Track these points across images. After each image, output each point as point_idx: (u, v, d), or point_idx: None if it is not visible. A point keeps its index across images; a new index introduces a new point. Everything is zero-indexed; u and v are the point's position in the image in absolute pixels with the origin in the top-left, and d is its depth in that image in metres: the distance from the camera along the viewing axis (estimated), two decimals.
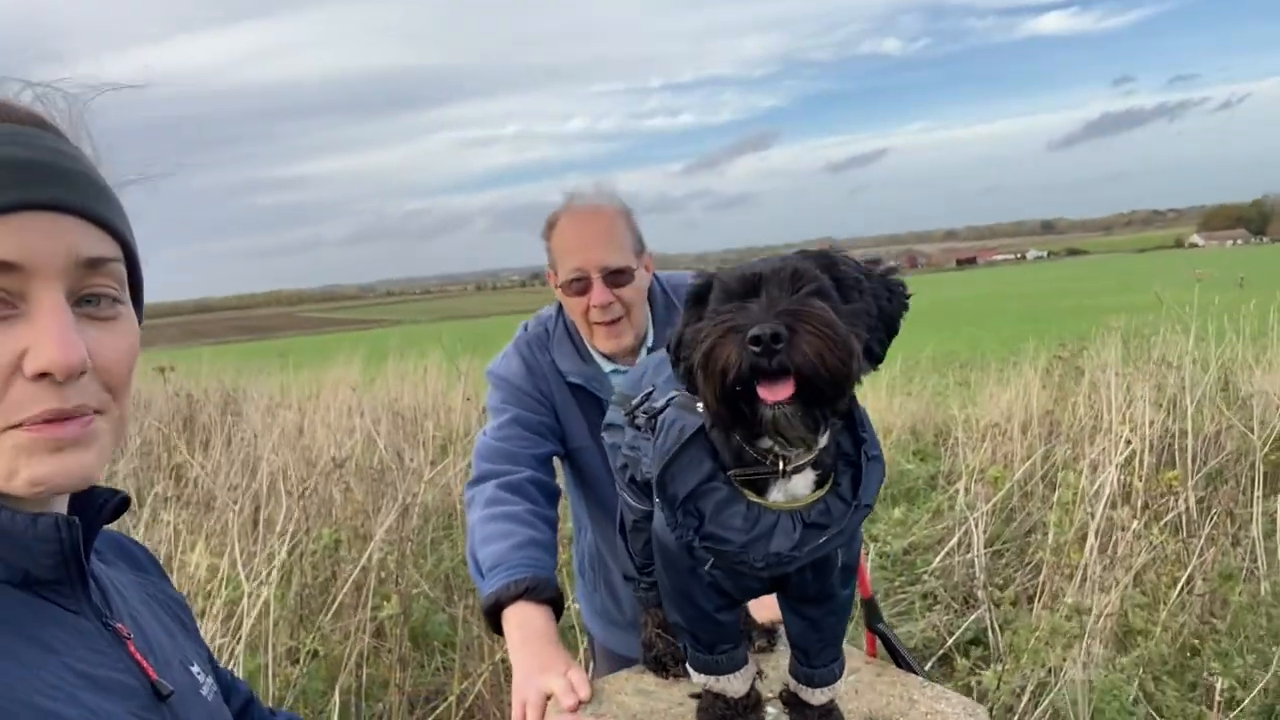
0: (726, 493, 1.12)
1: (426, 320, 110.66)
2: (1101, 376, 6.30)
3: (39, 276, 0.69)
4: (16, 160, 0.71)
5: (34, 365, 0.68)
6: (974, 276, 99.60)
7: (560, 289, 1.92)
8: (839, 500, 1.13)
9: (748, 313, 0.99)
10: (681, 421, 1.17)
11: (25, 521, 0.72)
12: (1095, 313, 22.18)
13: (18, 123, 0.74)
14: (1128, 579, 3.58)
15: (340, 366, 11.25)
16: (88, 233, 0.73)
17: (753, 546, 1.11)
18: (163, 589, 0.98)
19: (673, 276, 2.06)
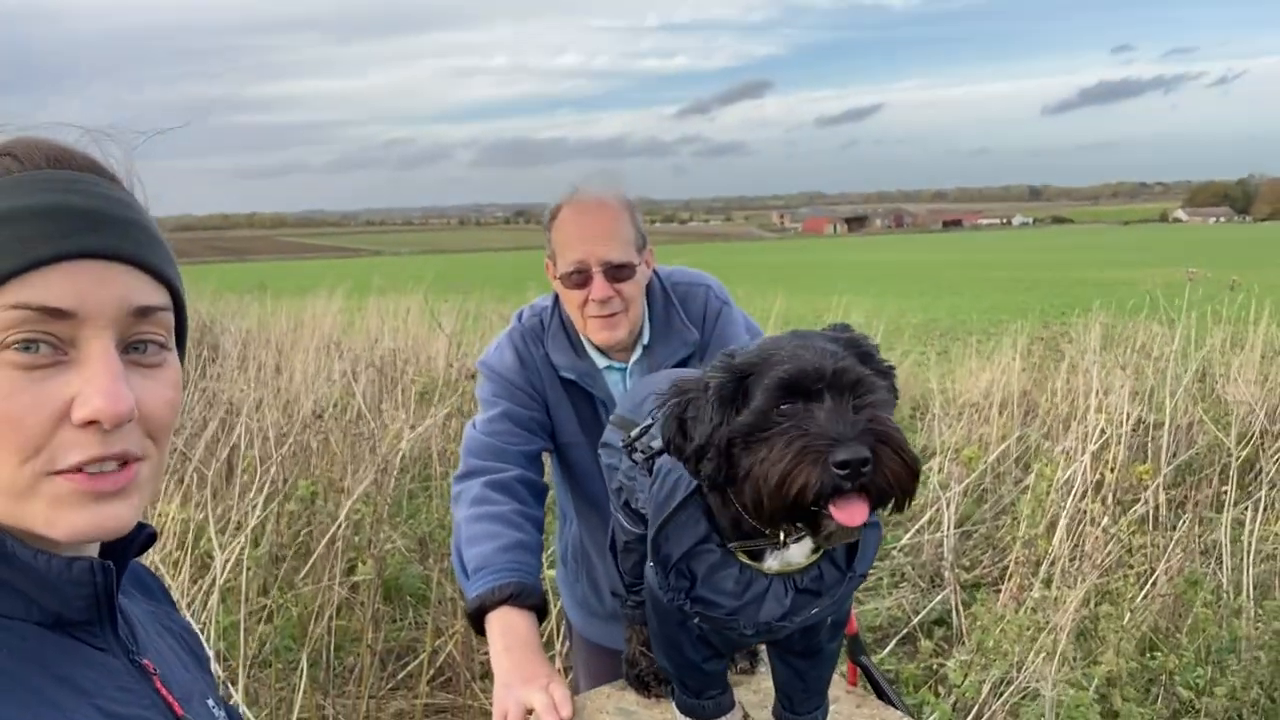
0: (720, 555, 1.11)
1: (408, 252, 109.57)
2: (1081, 362, 6.36)
3: (90, 324, 0.71)
4: (73, 208, 0.72)
5: (82, 414, 0.69)
6: (959, 240, 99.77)
7: (559, 280, 1.89)
8: (833, 567, 1.12)
9: (818, 426, 0.94)
10: (677, 473, 1.15)
11: (60, 566, 0.73)
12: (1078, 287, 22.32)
13: (76, 169, 0.75)
14: (1094, 576, 3.64)
15: (321, 300, 11.12)
16: (139, 281, 0.74)
17: (743, 612, 1.10)
18: (174, 618, 0.98)
19: (673, 273, 2.03)
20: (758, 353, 1.03)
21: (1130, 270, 28.63)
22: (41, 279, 0.69)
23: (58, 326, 0.69)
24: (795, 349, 1.00)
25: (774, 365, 1.01)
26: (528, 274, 14.08)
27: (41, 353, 0.69)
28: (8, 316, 0.68)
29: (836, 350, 0.99)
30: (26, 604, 0.72)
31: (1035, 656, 3.16)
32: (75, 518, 0.71)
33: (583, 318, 1.88)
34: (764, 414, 1.00)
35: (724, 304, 1.99)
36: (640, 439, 1.25)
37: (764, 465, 0.97)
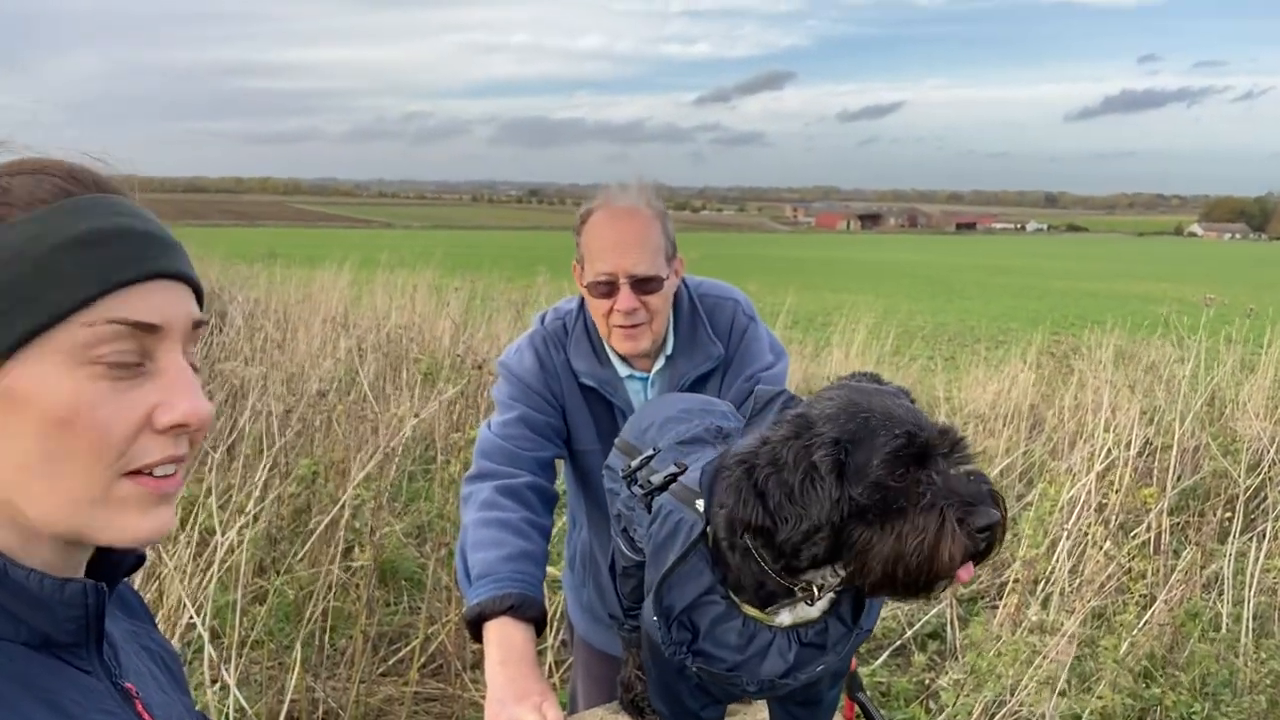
0: (724, 607, 1.08)
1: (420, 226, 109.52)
2: (1091, 379, 6.32)
3: (168, 338, 0.76)
4: (146, 233, 0.78)
5: (170, 418, 0.75)
6: (972, 243, 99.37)
7: (586, 288, 1.87)
8: (839, 623, 1.09)
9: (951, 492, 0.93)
10: (678, 515, 1.12)
11: (53, 587, 0.74)
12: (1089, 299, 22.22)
13: (118, 193, 0.80)
14: (1093, 601, 3.62)
15: (330, 273, 11.11)
16: (190, 297, 0.81)
17: (745, 666, 1.07)
18: (153, 638, 0.97)
19: (702, 284, 2.01)
20: (846, 418, 0.97)
21: (1143, 284, 28.50)
22: (131, 296, 0.74)
23: (145, 341, 0.75)
24: (886, 410, 0.97)
25: (881, 431, 0.97)
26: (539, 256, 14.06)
27: (129, 365, 0.74)
28: (102, 331, 0.73)
29: (917, 409, 0.98)
30: (15, 625, 0.73)
31: (1029, 680, 3.15)
32: (141, 521, 0.75)
33: (607, 325, 1.87)
34: (883, 484, 0.96)
35: (750, 320, 1.97)
36: (641, 470, 1.22)
37: (907, 539, 0.94)
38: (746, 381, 1.91)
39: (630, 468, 1.25)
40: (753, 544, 1.03)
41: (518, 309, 8.97)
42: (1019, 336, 12.11)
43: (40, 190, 0.76)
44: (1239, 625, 3.65)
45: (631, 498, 1.29)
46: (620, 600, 1.51)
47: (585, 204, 1.91)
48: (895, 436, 0.97)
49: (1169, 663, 3.56)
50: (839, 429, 0.99)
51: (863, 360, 8.92)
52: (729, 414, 1.47)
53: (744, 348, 1.94)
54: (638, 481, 1.22)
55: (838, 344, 8.59)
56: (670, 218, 1.92)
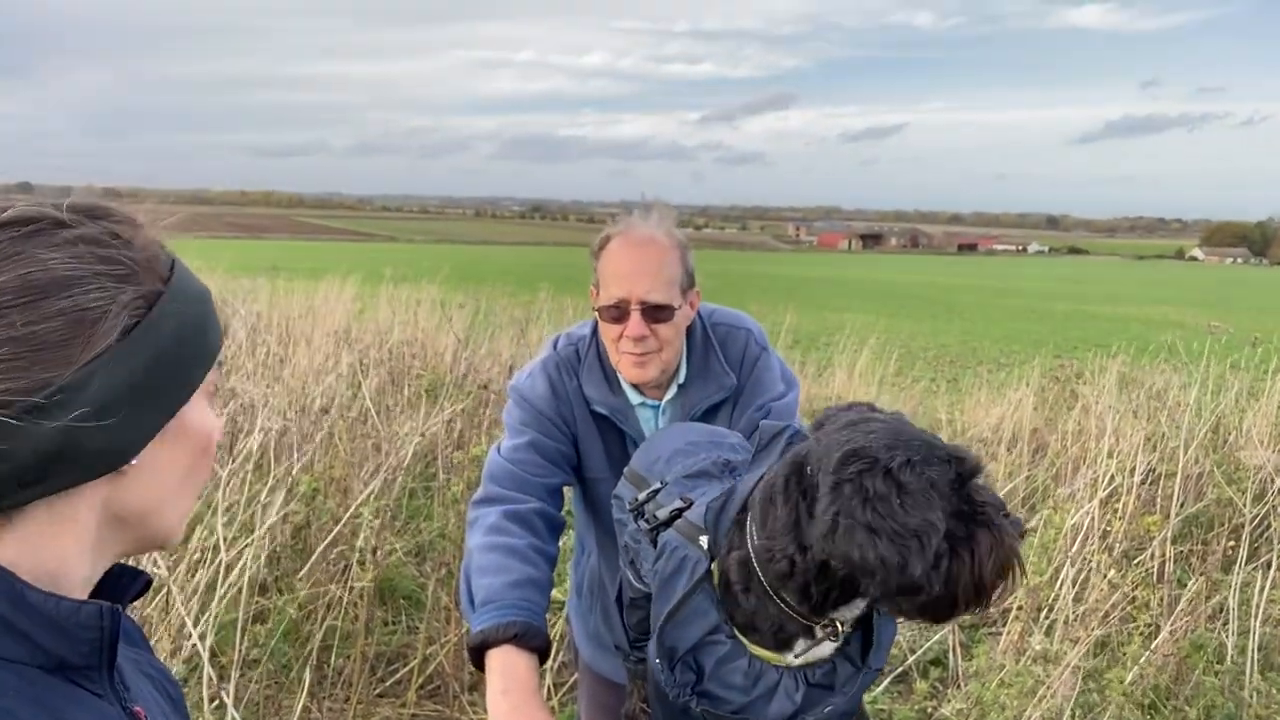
0: (729, 647, 1.06)
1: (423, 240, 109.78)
2: (1094, 405, 6.30)
3: None
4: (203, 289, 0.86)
5: (219, 436, 0.86)
6: (974, 264, 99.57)
7: (598, 311, 1.88)
8: (847, 662, 1.08)
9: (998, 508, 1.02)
10: (683, 552, 1.11)
11: (70, 609, 0.74)
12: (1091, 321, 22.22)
13: None
14: (1097, 630, 3.59)
15: (334, 287, 11.12)
16: None
17: (752, 708, 1.05)
18: (153, 664, 0.98)
19: (715, 313, 2.00)
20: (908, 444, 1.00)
21: (1145, 307, 28.52)
22: None
23: None
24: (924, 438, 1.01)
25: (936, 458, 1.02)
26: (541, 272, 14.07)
27: None
28: (213, 375, 0.85)
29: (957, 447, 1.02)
30: (31, 648, 0.73)
31: (1034, 711, 3.12)
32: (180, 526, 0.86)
33: (616, 352, 1.87)
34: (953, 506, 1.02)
35: (763, 350, 1.97)
36: (648, 504, 1.21)
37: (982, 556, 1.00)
38: (757, 411, 1.91)
39: (637, 501, 1.24)
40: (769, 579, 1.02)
41: (520, 326, 8.97)
42: (1021, 359, 12.11)
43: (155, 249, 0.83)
44: (1244, 657, 3.62)
45: (638, 531, 1.27)
46: (627, 631, 1.50)
47: (605, 229, 1.92)
48: (964, 465, 1.03)
49: (1173, 694, 3.53)
50: (911, 451, 1.01)
51: (865, 381, 8.90)
52: (738, 446, 1.46)
53: (755, 377, 1.94)
54: (644, 515, 1.21)
55: (840, 365, 8.58)
56: (690, 250, 1.92)
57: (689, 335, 1.94)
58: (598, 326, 1.94)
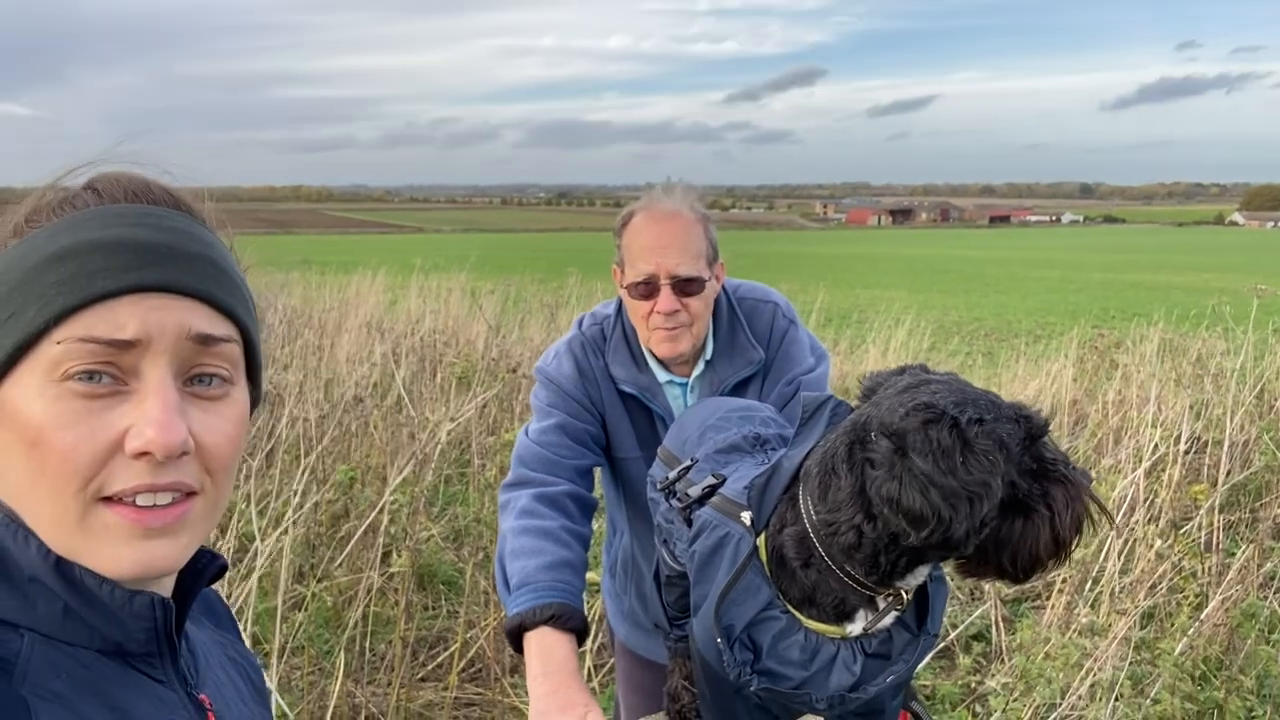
0: (784, 622, 1.04)
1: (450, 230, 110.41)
2: (1136, 373, 6.17)
3: (150, 352, 0.71)
4: (139, 242, 0.73)
5: (134, 444, 0.69)
6: (1006, 236, 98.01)
7: (625, 289, 1.85)
8: (902, 629, 1.05)
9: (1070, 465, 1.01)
10: (723, 529, 1.08)
11: (123, 598, 0.73)
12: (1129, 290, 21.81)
13: (153, 203, 0.77)
14: (1145, 602, 3.52)
15: (365, 279, 11.21)
16: (200, 313, 0.74)
17: (812, 682, 1.03)
18: (238, 649, 0.98)
19: (740, 287, 1.97)
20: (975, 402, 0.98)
21: (1185, 275, 27.95)
22: (107, 311, 0.70)
23: (122, 358, 0.70)
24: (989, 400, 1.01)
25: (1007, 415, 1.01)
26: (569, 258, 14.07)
27: (103, 383, 0.70)
28: (72, 349, 0.70)
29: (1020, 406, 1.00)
30: (90, 632, 0.73)
31: (1081, 684, 3.07)
32: (123, 554, 0.71)
33: (646, 329, 1.84)
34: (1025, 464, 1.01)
35: (790, 323, 1.93)
36: (679, 482, 1.18)
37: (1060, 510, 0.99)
38: (787, 385, 1.88)
39: (668, 480, 1.21)
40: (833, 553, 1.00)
41: (551, 311, 8.97)
42: (1058, 330, 11.91)
43: (47, 205, 0.76)
44: None
45: (671, 510, 1.25)
46: (665, 609, 1.48)
47: (627, 207, 1.89)
48: (1035, 422, 1.01)
49: (1225, 665, 3.46)
50: (980, 410, 0.98)
51: (899, 357, 8.80)
52: (770, 419, 1.43)
53: (784, 351, 1.91)
54: (675, 494, 1.18)
55: (874, 341, 8.49)
56: (713, 223, 1.89)
57: (715, 311, 1.91)
58: (622, 305, 1.92)
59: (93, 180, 0.77)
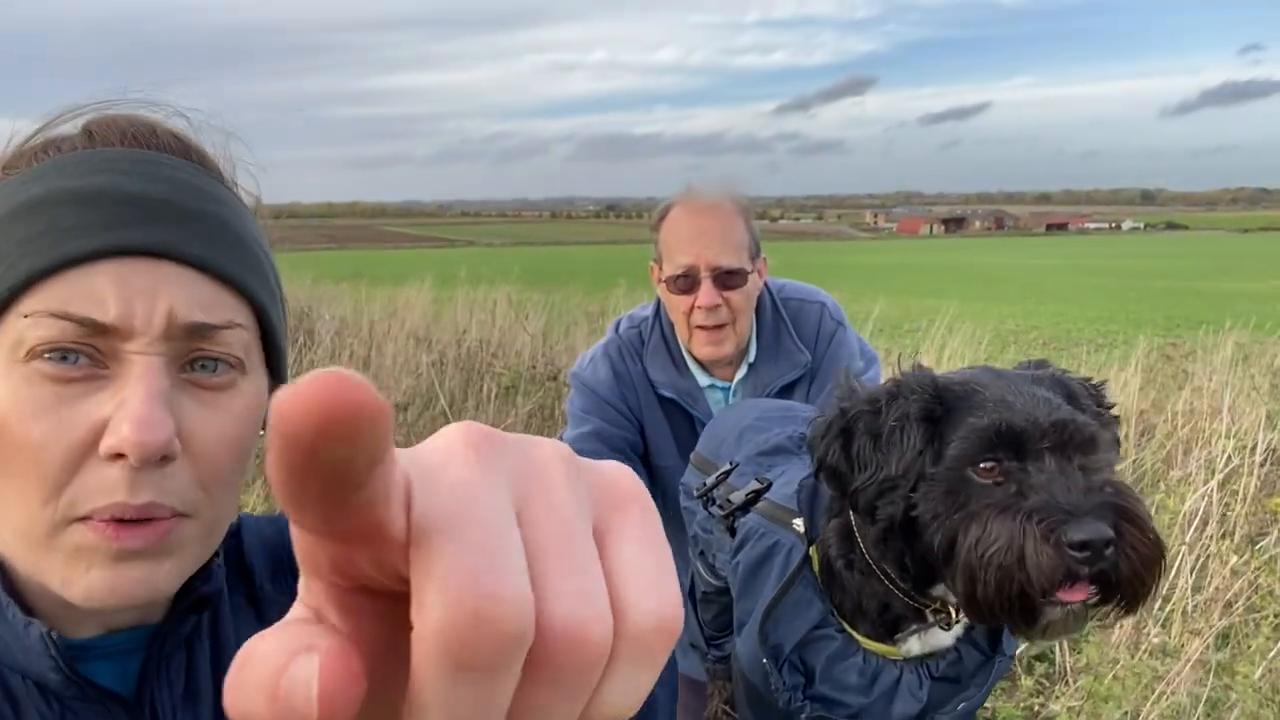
0: (840, 642, 0.93)
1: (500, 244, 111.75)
2: (1207, 383, 5.91)
3: (132, 337, 0.58)
4: (127, 194, 0.59)
5: (106, 443, 0.56)
6: (1064, 243, 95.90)
7: (664, 284, 1.77)
8: (973, 649, 0.93)
9: (1044, 494, 0.77)
10: (772, 537, 0.98)
11: (18, 624, 0.60)
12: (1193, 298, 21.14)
13: (155, 148, 0.64)
14: (1220, 622, 3.32)
15: (413, 290, 11.29)
16: (198, 289, 0.60)
17: (872, 711, 0.92)
18: None
19: (785, 287, 1.88)
20: (956, 385, 0.84)
21: (1251, 282, 27.00)
22: (82, 279, 0.57)
23: (100, 339, 0.58)
24: (1001, 390, 0.81)
25: (975, 407, 0.82)
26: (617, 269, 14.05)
27: (79, 364, 0.57)
28: (41, 324, 0.57)
29: (1051, 397, 0.81)
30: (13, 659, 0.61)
31: (1153, 708, 2.89)
32: (93, 579, 0.58)
33: (687, 327, 1.75)
34: (959, 472, 0.82)
35: (839, 325, 1.83)
36: (718, 487, 1.08)
37: (977, 546, 0.79)
38: None
39: (706, 485, 1.11)
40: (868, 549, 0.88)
41: (596, 320, 8.93)
42: (1120, 340, 11.51)
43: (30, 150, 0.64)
44: None
45: (709, 519, 1.15)
46: (702, 628, 1.38)
47: (665, 201, 1.82)
48: (990, 418, 0.81)
49: None
50: (945, 384, 0.86)
51: (952, 368, 8.57)
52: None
53: (832, 354, 1.81)
54: (715, 501, 1.08)
55: (927, 350, 8.28)
56: (752, 215, 1.81)
57: (758, 311, 1.83)
58: (660, 307, 1.84)
59: (90, 122, 0.65)
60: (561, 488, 0.26)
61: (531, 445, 0.27)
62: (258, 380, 0.65)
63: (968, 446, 0.82)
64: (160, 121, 0.66)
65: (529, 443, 0.27)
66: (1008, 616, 0.78)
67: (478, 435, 0.26)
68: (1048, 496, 0.76)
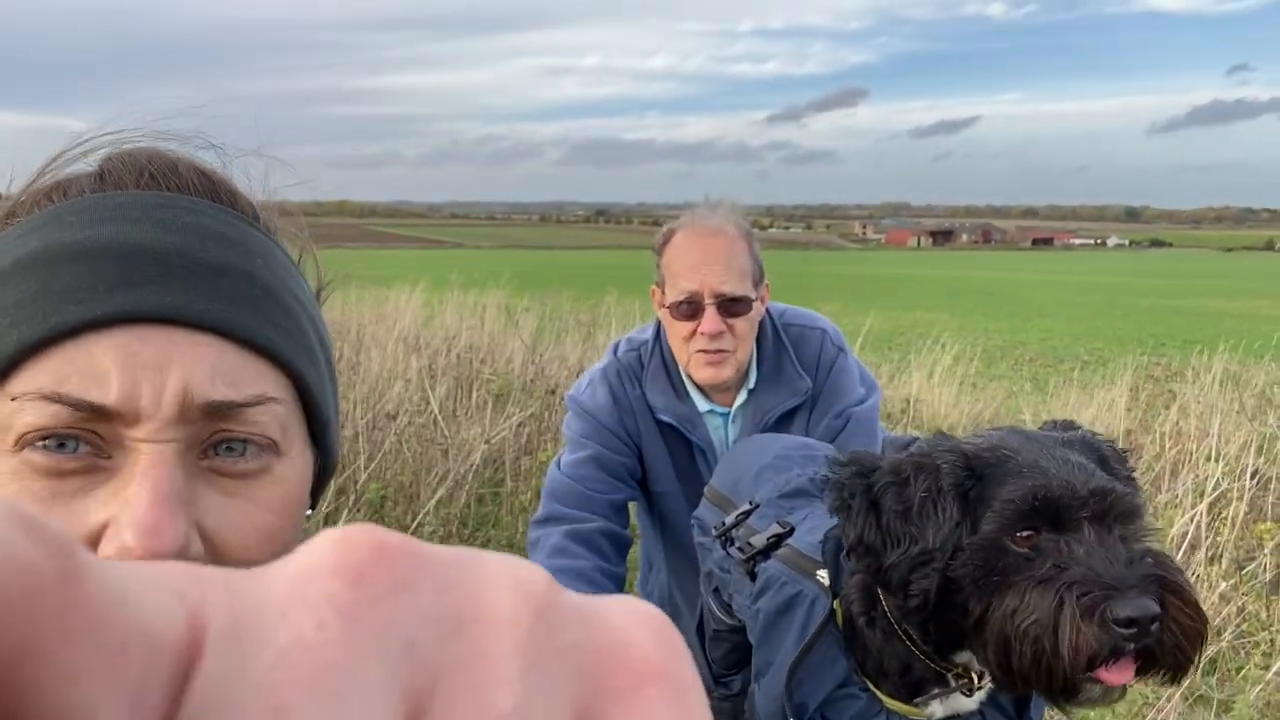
0: (864, 701, 0.91)
1: (489, 246, 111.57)
2: (1195, 405, 5.94)
3: (138, 422, 0.49)
4: (137, 247, 0.51)
5: (104, 552, 0.48)
6: (1050, 259, 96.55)
7: (667, 309, 1.75)
8: (998, 713, 0.92)
9: (1087, 568, 0.75)
10: (794, 588, 0.96)
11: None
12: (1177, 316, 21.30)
13: (179, 189, 0.55)
14: (1209, 650, 3.32)
15: (402, 293, 11.23)
16: (220, 359, 0.51)
17: None
18: None
19: (786, 312, 1.87)
20: (986, 452, 0.82)
21: (1236, 301, 27.26)
22: (80, 352, 0.49)
23: (98, 423, 0.49)
24: (1034, 455, 0.79)
25: (1009, 475, 0.80)
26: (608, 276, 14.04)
27: (77, 453, 0.49)
28: (33, 408, 0.48)
29: (1085, 463, 0.80)
30: None
31: None
32: None
33: (687, 352, 1.74)
34: (997, 543, 0.80)
35: (840, 351, 1.82)
36: (737, 528, 1.06)
37: (1014, 619, 0.77)
38: (836, 418, 1.77)
39: (724, 526, 1.09)
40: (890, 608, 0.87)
41: (587, 329, 8.91)
42: (1106, 357, 11.58)
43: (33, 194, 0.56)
44: None
45: (727, 559, 1.13)
46: (710, 666, 1.36)
47: (667, 225, 1.80)
48: (1026, 486, 0.79)
49: None
50: (975, 453, 0.84)
51: (944, 384, 8.59)
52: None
53: (833, 381, 1.80)
54: (734, 542, 1.06)
55: (917, 366, 8.29)
56: (757, 240, 1.80)
57: (759, 337, 1.82)
58: (660, 330, 1.83)
59: (104, 159, 0.57)
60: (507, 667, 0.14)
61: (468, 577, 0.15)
62: (297, 460, 0.56)
63: (1005, 517, 0.80)
64: (184, 156, 0.58)
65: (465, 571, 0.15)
66: (1045, 691, 0.77)
67: (364, 556, 0.15)
68: (1089, 569, 0.75)
